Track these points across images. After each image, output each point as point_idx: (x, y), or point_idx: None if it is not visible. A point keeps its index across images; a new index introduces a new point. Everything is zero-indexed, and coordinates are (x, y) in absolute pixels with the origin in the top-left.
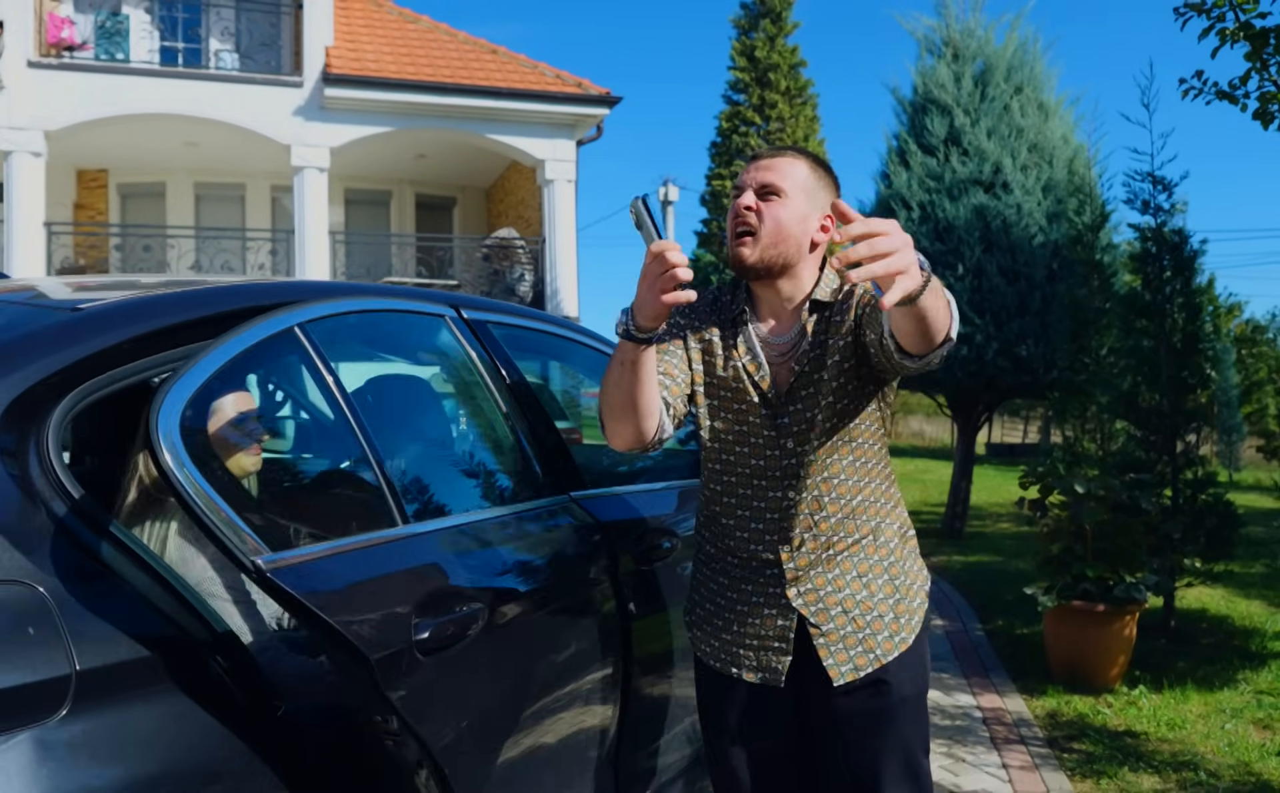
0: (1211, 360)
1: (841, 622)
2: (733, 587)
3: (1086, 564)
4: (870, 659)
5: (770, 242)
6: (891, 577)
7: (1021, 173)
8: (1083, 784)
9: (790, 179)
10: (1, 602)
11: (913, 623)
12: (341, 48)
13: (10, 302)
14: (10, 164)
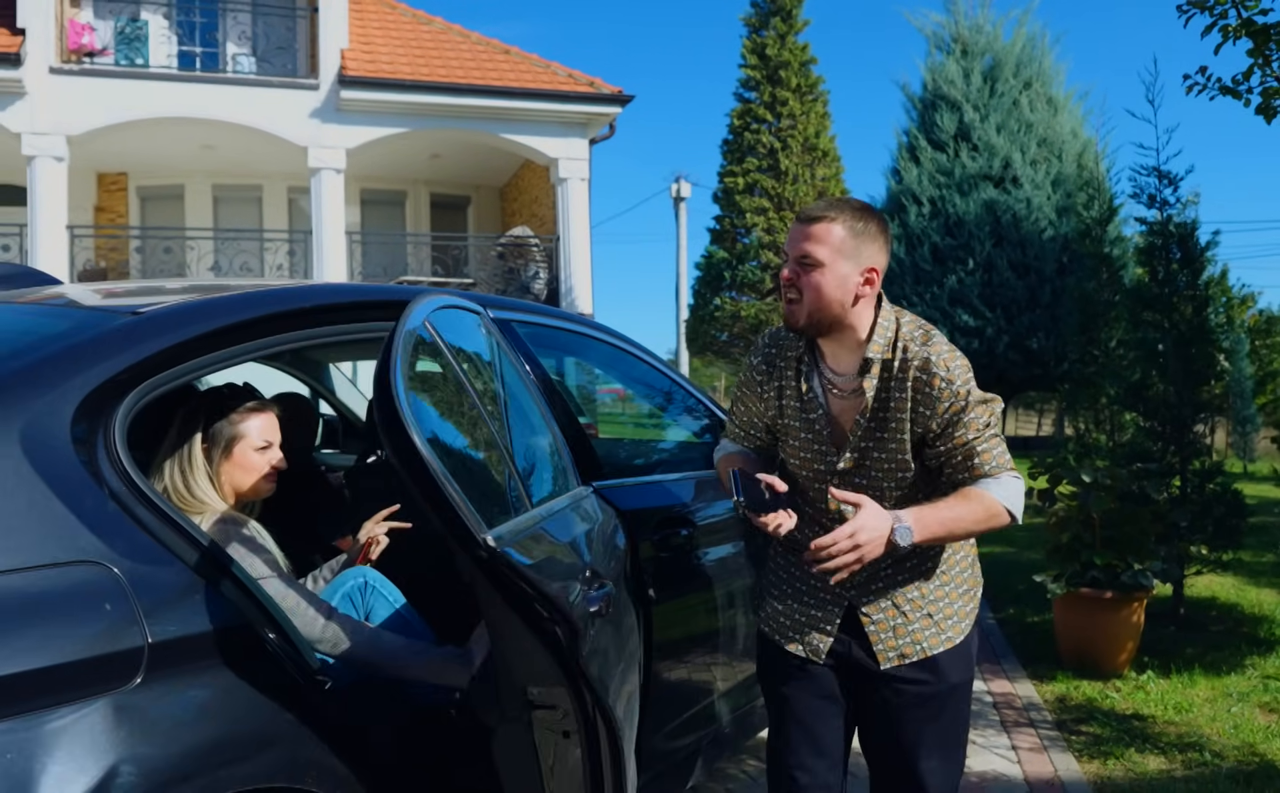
0: (1225, 352)
1: (892, 614)
2: (797, 565)
3: (1095, 552)
4: (916, 650)
5: (813, 307)
6: (943, 583)
7: (1031, 167)
8: (1090, 765)
9: (827, 246)
10: (80, 580)
11: (962, 626)
12: (356, 50)
13: (75, 306)
14: (33, 168)
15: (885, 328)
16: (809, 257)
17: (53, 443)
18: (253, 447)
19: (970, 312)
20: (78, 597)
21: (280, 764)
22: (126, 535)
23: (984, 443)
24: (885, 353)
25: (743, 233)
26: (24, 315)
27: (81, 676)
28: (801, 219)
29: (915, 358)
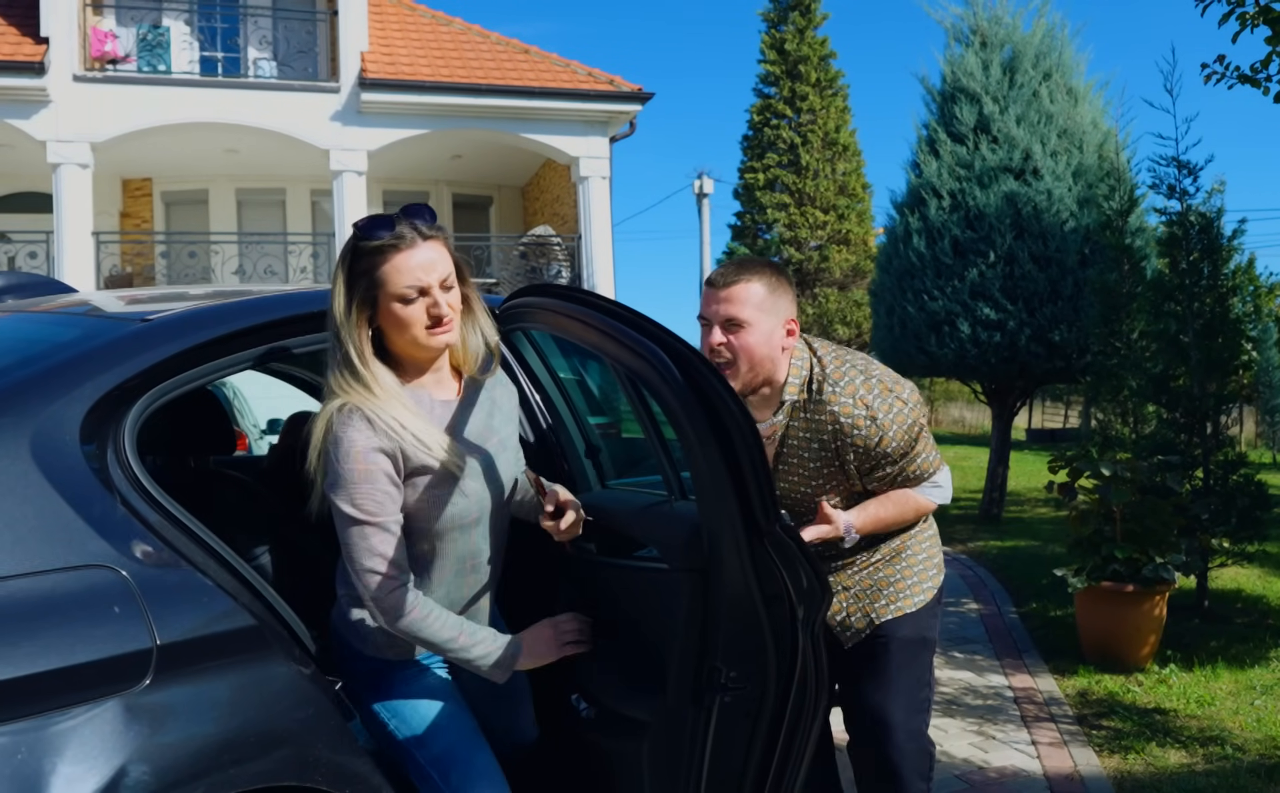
0: (1253, 341)
1: (844, 599)
2: None
3: (1116, 546)
4: (867, 622)
5: (747, 368)
6: (898, 568)
7: (1051, 159)
8: (1110, 760)
9: (749, 306)
10: (89, 584)
11: (914, 599)
12: (376, 53)
13: (86, 313)
14: (59, 176)
15: (799, 369)
16: (733, 318)
17: (62, 449)
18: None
19: (992, 305)
20: (87, 600)
21: (289, 763)
22: (135, 539)
23: (912, 465)
24: (800, 394)
25: (764, 229)
26: (35, 324)
27: (91, 677)
28: (718, 285)
29: (829, 405)
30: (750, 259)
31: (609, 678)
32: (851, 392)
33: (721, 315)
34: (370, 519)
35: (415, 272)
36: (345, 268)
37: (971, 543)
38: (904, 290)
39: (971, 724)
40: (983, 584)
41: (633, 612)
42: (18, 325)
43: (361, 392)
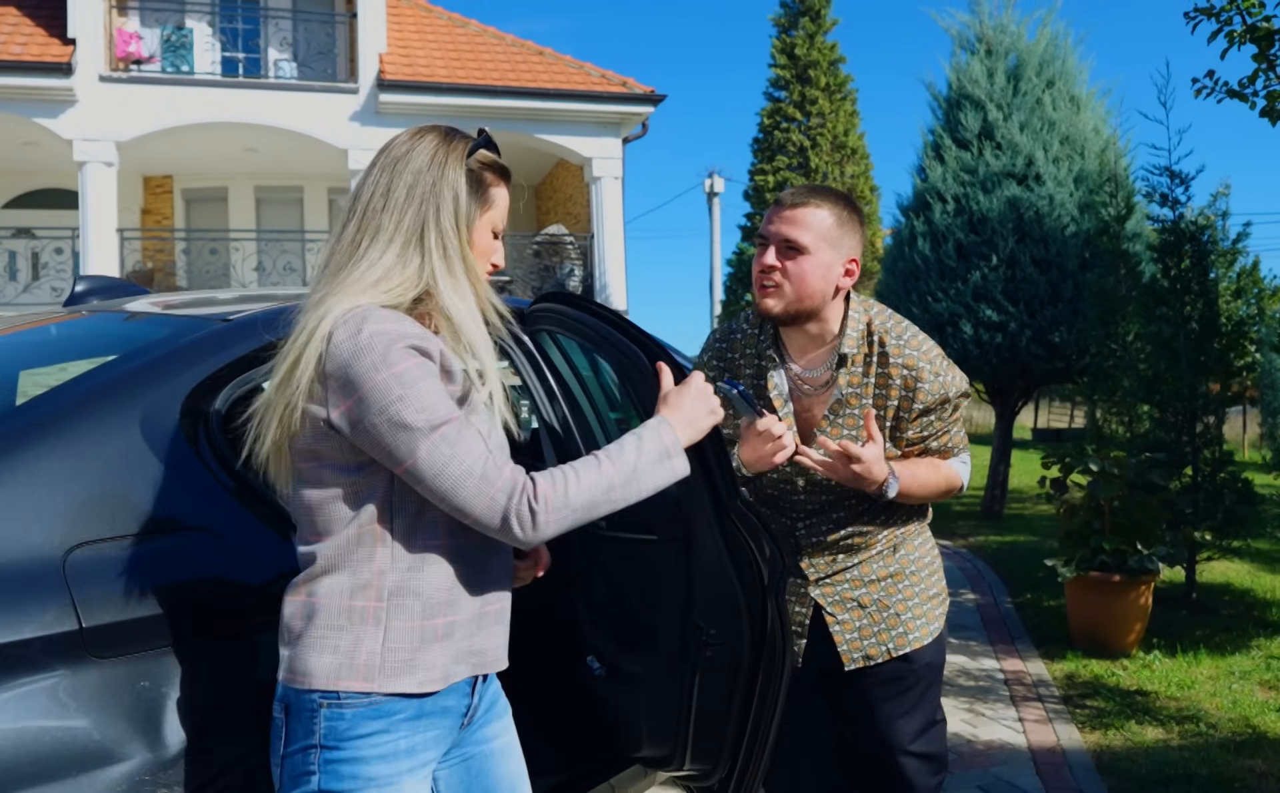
0: (1256, 342)
1: (857, 615)
2: None
3: (1104, 538)
4: (881, 651)
5: (794, 297)
6: (912, 584)
7: (1054, 165)
8: (1091, 735)
9: (812, 232)
10: (191, 544)
11: (930, 628)
12: (394, 54)
13: (174, 315)
14: (84, 174)
15: (856, 321)
16: (794, 242)
17: (166, 428)
18: (494, 226)
19: (994, 306)
20: (189, 557)
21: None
22: (225, 507)
23: (956, 428)
24: (860, 347)
25: None
26: (131, 324)
27: (194, 622)
28: (785, 203)
29: (898, 356)
30: (826, 187)
31: (613, 638)
32: (918, 344)
33: (780, 236)
34: (451, 417)
35: (506, 210)
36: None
37: (973, 538)
38: (909, 292)
39: (963, 703)
40: (980, 576)
41: (630, 580)
42: (118, 325)
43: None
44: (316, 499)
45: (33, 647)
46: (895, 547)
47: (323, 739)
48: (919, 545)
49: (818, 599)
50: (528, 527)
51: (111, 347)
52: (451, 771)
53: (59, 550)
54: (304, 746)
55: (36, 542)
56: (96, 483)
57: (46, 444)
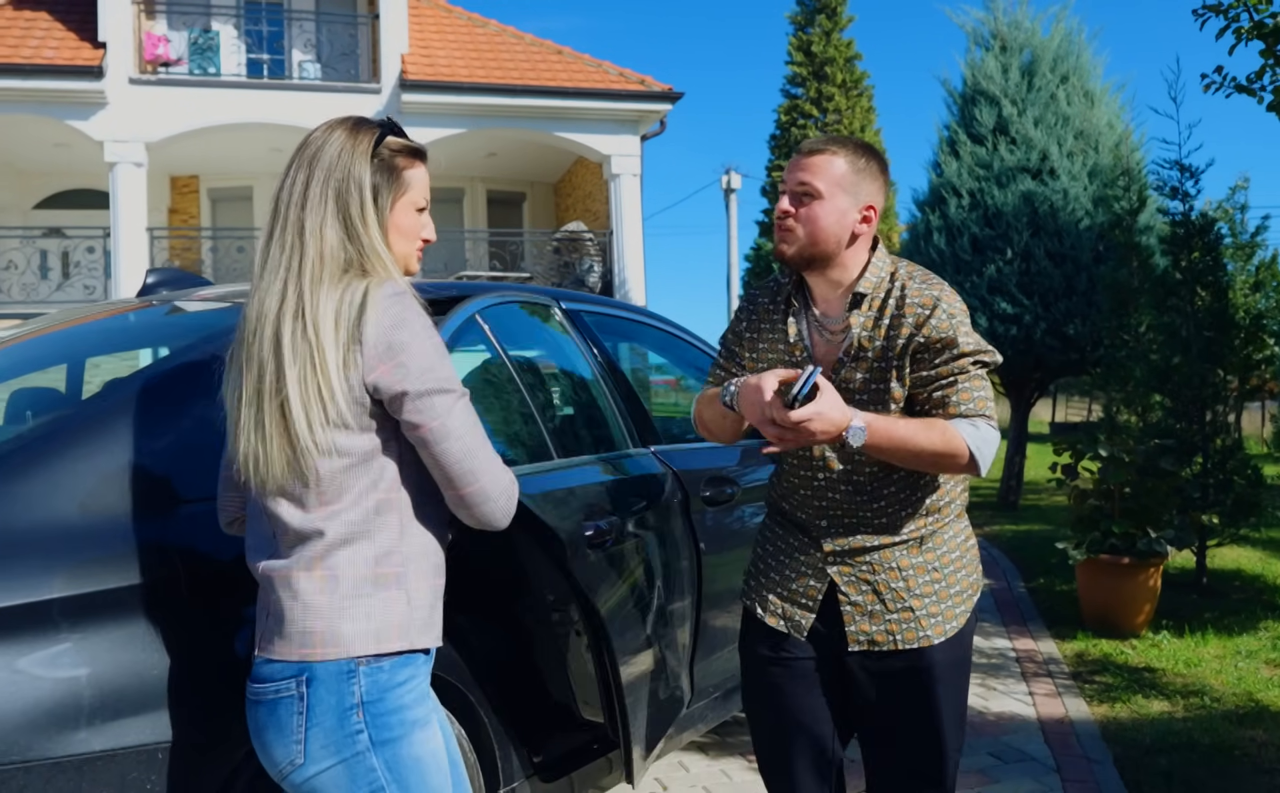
0: (1275, 335)
1: (871, 599)
2: (783, 537)
3: (1114, 522)
4: (889, 640)
5: (808, 241)
6: (934, 581)
7: (1068, 159)
8: (1099, 708)
9: (826, 177)
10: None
11: (946, 627)
12: (416, 54)
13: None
14: (115, 174)
15: (878, 267)
16: (808, 187)
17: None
18: (415, 205)
19: (1009, 299)
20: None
21: None
22: None
23: (968, 381)
24: (877, 291)
25: None
26: (213, 314)
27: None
28: (803, 151)
29: (916, 296)
30: (846, 136)
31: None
32: (941, 287)
33: (795, 182)
34: (465, 390)
35: (426, 188)
36: (368, 158)
37: (988, 527)
38: None
39: (976, 679)
40: (995, 563)
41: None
42: (202, 317)
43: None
44: (332, 470)
45: (136, 592)
46: (923, 539)
47: (365, 696)
48: (950, 539)
49: (834, 577)
50: (511, 511)
51: (206, 332)
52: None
53: (167, 508)
54: (339, 710)
55: (144, 501)
56: (188, 450)
57: (145, 417)
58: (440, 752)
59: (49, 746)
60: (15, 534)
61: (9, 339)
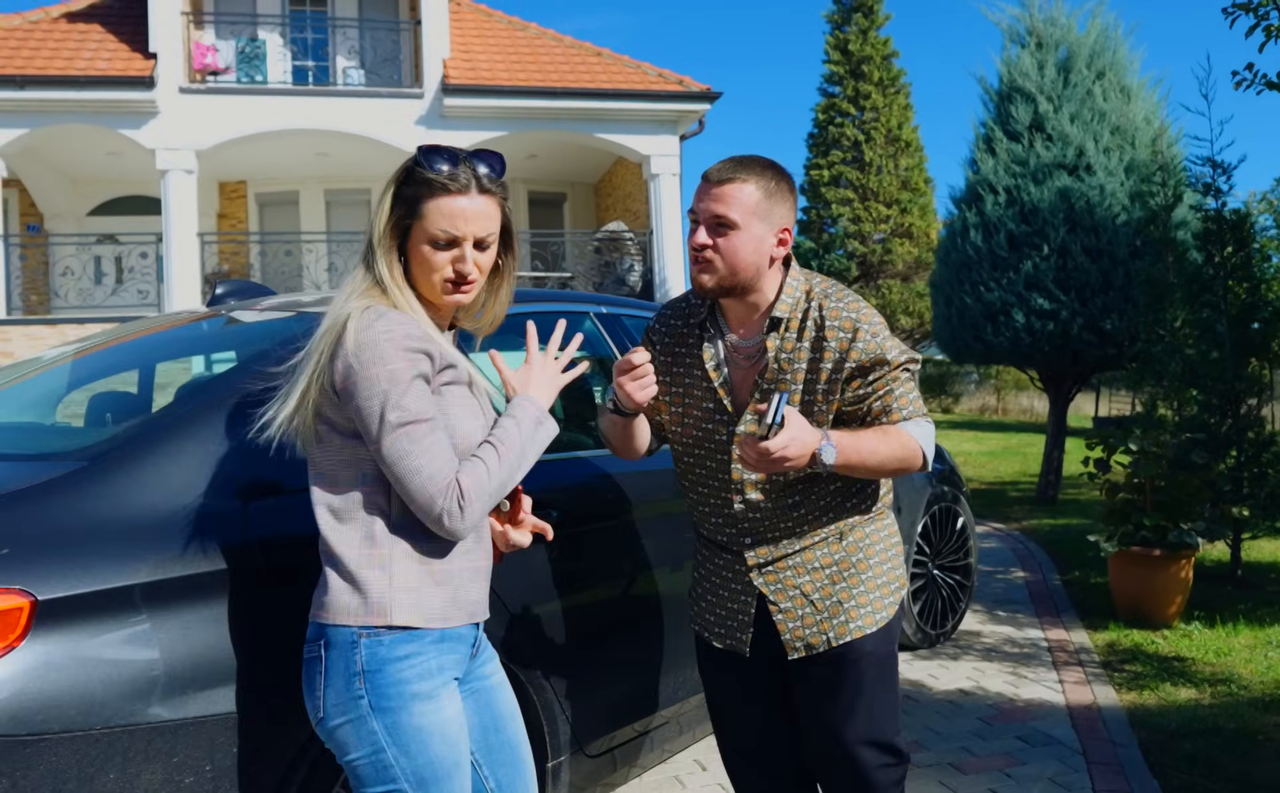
0: None
1: (800, 603)
2: (709, 560)
3: (1145, 514)
4: (823, 640)
5: (728, 272)
6: (859, 572)
7: (1104, 155)
8: (1127, 695)
9: (740, 207)
10: None
11: (876, 616)
12: (457, 59)
13: (309, 313)
14: (166, 182)
15: (793, 287)
16: (723, 218)
17: None
18: (426, 237)
19: (1045, 295)
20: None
21: None
22: None
23: (901, 387)
24: (793, 312)
25: (829, 223)
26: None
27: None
28: (712, 180)
29: (835, 318)
30: (752, 157)
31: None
32: (858, 307)
33: (710, 214)
34: (421, 418)
35: (455, 219)
36: (396, 185)
37: (1026, 521)
38: (961, 282)
39: (1007, 667)
40: (1031, 556)
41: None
42: (274, 322)
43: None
44: (327, 459)
45: (216, 577)
46: (842, 534)
47: (365, 665)
48: (871, 533)
49: (761, 588)
50: (456, 520)
51: (280, 338)
52: (468, 701)
53: (241, 501)
54: (346, 674)
55: (220, 495)
56: (255, 450)
57: (219, 419)
58: (449, 724)
59: (146, 712)
60: (110, 525)
61: (89, 347)
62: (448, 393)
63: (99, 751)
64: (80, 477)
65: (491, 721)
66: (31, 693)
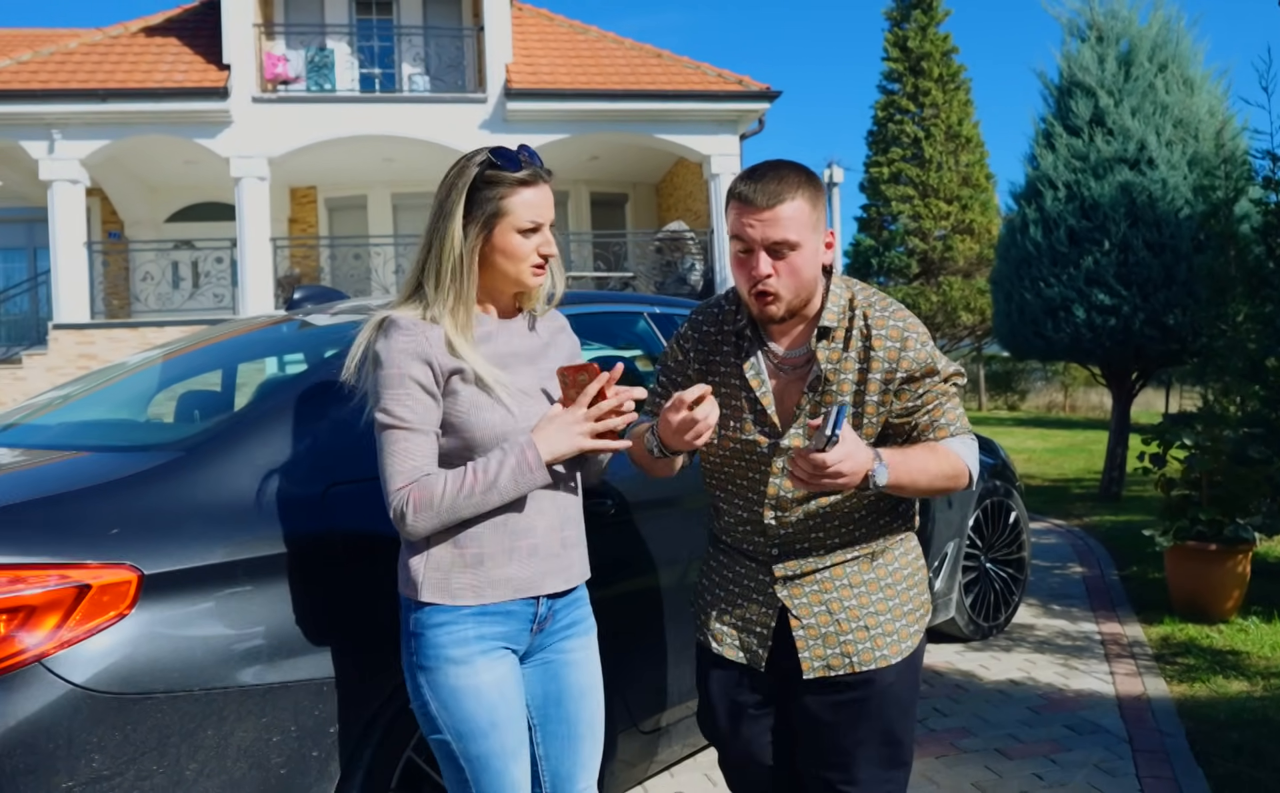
0: None
1: (825, 621)
2: (729, 567)
3: (1201, 509)
4: (845, 663)
5: (794, 294)
6: (887, 598)
7: (1166, 148)
8: (1178, 687)
9: (797, 226)
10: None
11: (901, 646)
12: (519, 63)
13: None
14: (240, 189)
15: (838, 296)
16: (783, 241)
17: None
18: (515, 228)
19: (1106, 291)
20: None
21: None
22: None
23: (949, 402)
24: (840, 322)
25: (889, 221)
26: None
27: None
28: (759, 204)
29: (882, 328)
30: (785, 166)
31: None
32: (903, 316)
33: (769, 240)
34: (397, 424)
35: (538, 208)
36: (466, 191)
37: (1088, 518)
38: (1021, 278)
39: (1058, 659)
40: (1090, 552)
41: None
42: (345, 325)
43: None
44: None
45: (302, 554)
46: (874, 556)
47: (413, 629)
48: (900, 556)
49: (785, 601)
50: (405, 522)
51: (331, 342)
52: (533, 671)
53: (320, 487)
54: (405, 635)
55: (306, 481)
56: (336, 442)
57: (304, 413)
58: (485, 688)
59: (239, 676)
60: (205, 508)
61: (177, 349)
62: (460, 392)
63: (198, 710)
64: (178, 466)
65: (554, 694)
66: (140, 657)
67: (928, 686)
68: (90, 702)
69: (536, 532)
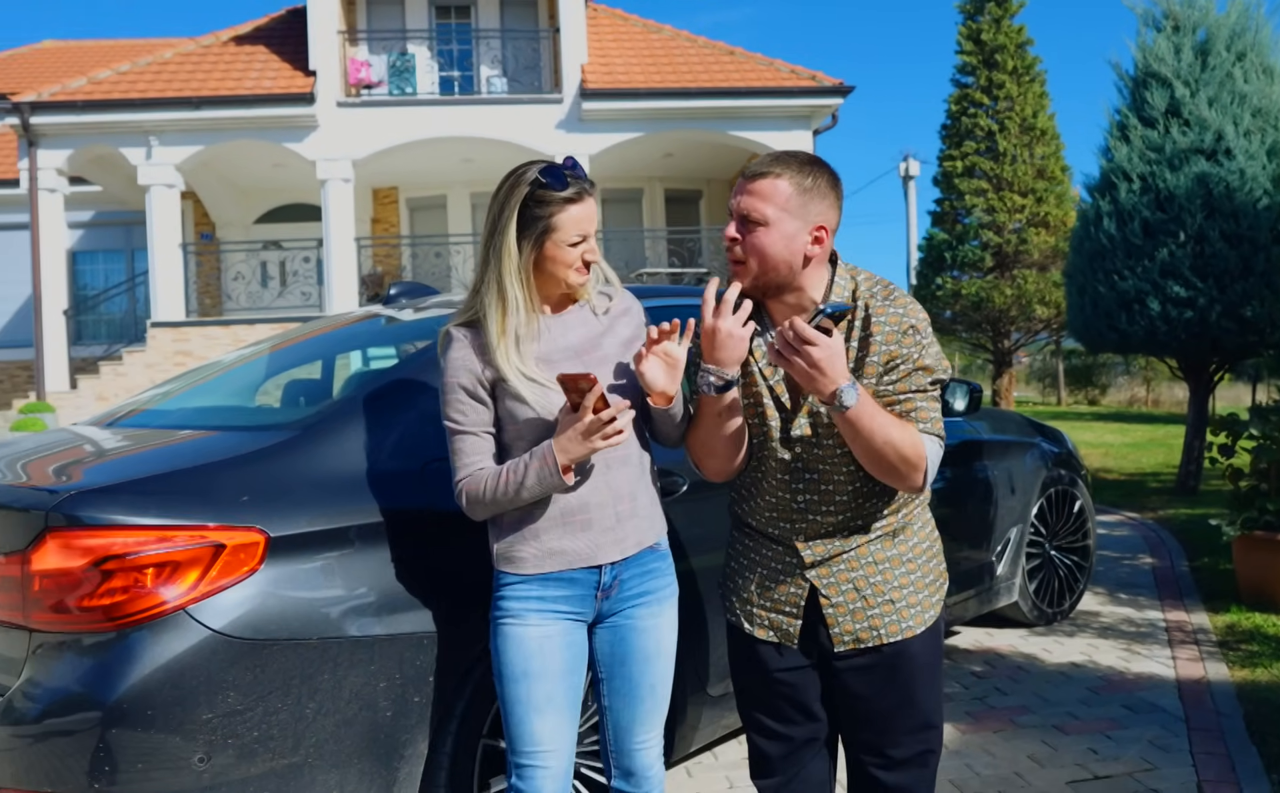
0: None
1: (852, 597)
2: (756, 550)
3: (1269, 499)
4: (873, 636)
5: (758, 270)
6: (909, 572)
7: (1245, 138)
8: (1239, 672)
9: (771, 203)
10: None
11: (925, 616)
12: (594, 64)
13: None
14: (326, 190)
15: (841, 287)
16: (752, 214)
17: None
18: (567, 242)
19: (1182, 283)
20: None
21: None
22: None
23: (927, 400)
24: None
25: (963, 214)
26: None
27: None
28: (746, 175)
29: (882, 313)
30: (792, 153)
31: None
32: (906, 301)
33: (739, 209)
34: (454, 427)
35: (584, 222)
36: (518, 208)
37: (1162, 511)
38: (1095, 271)
39: (1121, 644)
40: (1161, 543)
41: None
42: (437, 318)
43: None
44: None
45: (404, 521)
46: (895, 533)
47: (494, 589)
48: (919, 530)
49: (813, 581)
50: (465, 508)
51: (427, 334)
52: (603, 632)
53: (419, 463)
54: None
55: (406, 456)
56: (431, 421)
57: (403, 396)
58: (528, 640)
59: (351, 628)
60: (320, 479)
61: (280, 342)
62: (506, 396)
63: (316, 656)
64: (295, 443)
65: (620, 654)
66: (267, 608)
67: (989, 666)
68: (226, 645)
69: (590, 509)
